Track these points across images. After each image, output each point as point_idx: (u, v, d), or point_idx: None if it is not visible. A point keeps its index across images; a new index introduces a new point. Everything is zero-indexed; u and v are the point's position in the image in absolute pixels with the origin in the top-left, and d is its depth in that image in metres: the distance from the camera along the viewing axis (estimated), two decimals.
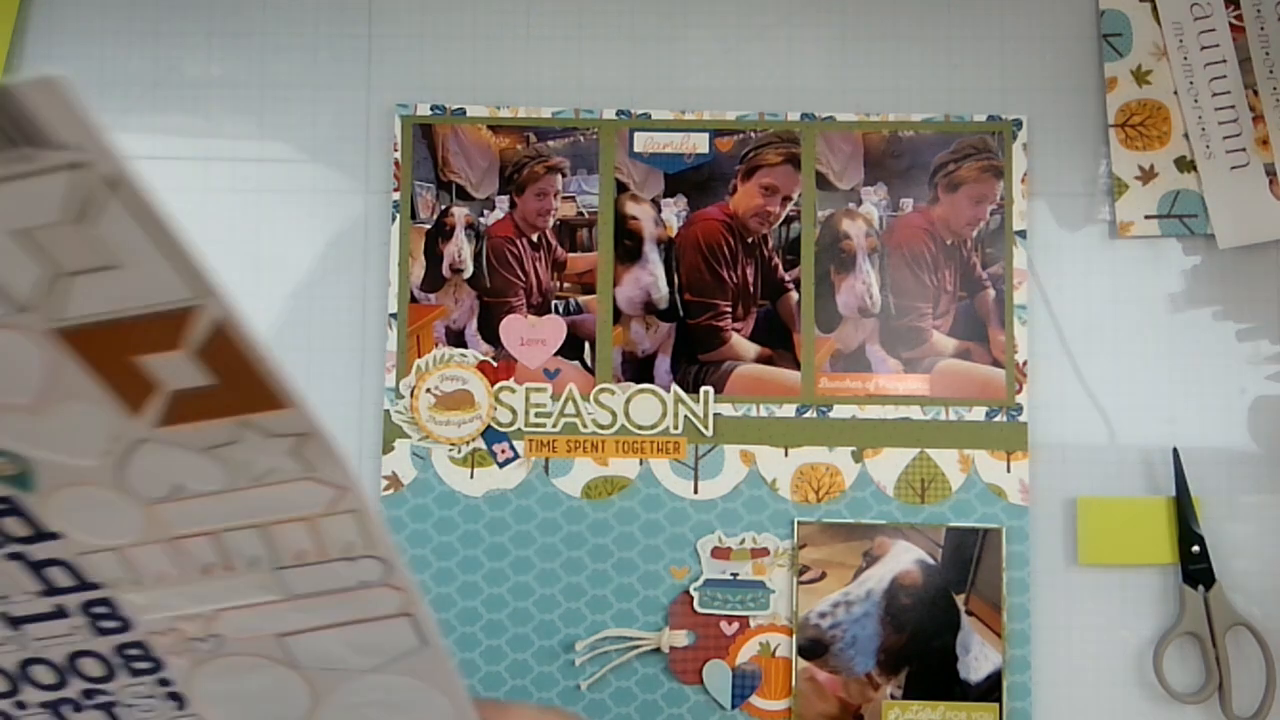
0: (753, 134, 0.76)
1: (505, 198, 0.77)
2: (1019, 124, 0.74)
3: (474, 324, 0.76)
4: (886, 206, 0.75)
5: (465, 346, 0.76)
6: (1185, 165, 0.74)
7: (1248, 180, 0.73)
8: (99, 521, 0.44)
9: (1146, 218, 0.74)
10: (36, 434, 0.41)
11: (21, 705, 0.47)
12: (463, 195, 0.77)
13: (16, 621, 0.46)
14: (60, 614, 0.46)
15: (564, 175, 0.77)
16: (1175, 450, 0.73)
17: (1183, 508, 0.72)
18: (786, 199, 0.76)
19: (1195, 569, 0.72)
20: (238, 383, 0.40)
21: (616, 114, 0.77)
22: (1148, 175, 0.74)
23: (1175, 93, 0.74)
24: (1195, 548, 0.72)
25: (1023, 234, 0.74)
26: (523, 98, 0.77)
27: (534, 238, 0.77)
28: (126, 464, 0.42)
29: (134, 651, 0.47)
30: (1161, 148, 0.74)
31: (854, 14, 0.76)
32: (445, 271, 0.76)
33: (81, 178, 0.34)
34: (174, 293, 0.38)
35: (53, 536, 0.44)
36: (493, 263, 0.76)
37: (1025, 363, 0.73)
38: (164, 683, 0.48)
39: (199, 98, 0.77)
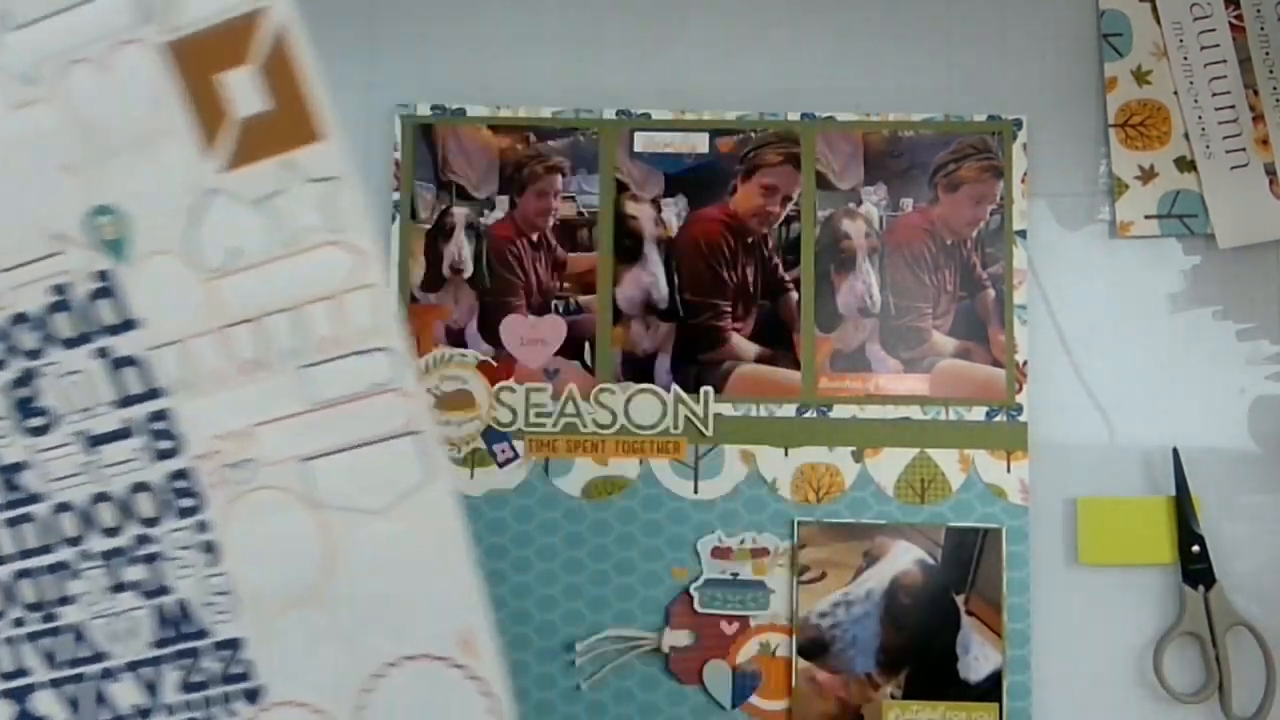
0: (753, 134, 0.76)
1: (505, 198, 0.77)
2: (1019, 124, 0.74)
3: (474, 324, 0.76)
4: (886, 206, 0.75)
5: (465, 346, 0.76)
6: (1185, 165, 0.74)
7: (1248, 180, 0.73)
8: (170, 302, 0.52)
9: (1146, 218, 0.74)
10: (137, 181, 0.51)
11: (86, 556, 0.53)
12: (463, 195, 0.77)
13: (95, 442, 0.53)
14: (128, 434, 0.53)
15: (564, 175, 0.77)
16: (1175, 450, 0.73)
17: (1183, 508, 0.72)
18: (786, 199, 0.76)
19: (1195, 569, 0.72)
20: (291, 108, 0.50)
21: (616, 114, 0.77)
22: (1148, 175, 0.74)
23: (1175, 93, 0.74)
24: (1195, 548, 0.72)
25: (1023, 234, 0.74)
26: (523, 98, 0.77)
27: (534, 238, 0.76)
28: (199, 223, 0.52)
29: (182, 484, 0.53)
30: (1161, 148, 0.74)
31: (854, 14, 0.76)
32: (445, 271, 0.76)
33: None
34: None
35: (133, 326, 0.52)
36: (493, 263, 0.76)
37: (1025, 363, 0.73)
38: (202, 527, 0.53)
39: None
